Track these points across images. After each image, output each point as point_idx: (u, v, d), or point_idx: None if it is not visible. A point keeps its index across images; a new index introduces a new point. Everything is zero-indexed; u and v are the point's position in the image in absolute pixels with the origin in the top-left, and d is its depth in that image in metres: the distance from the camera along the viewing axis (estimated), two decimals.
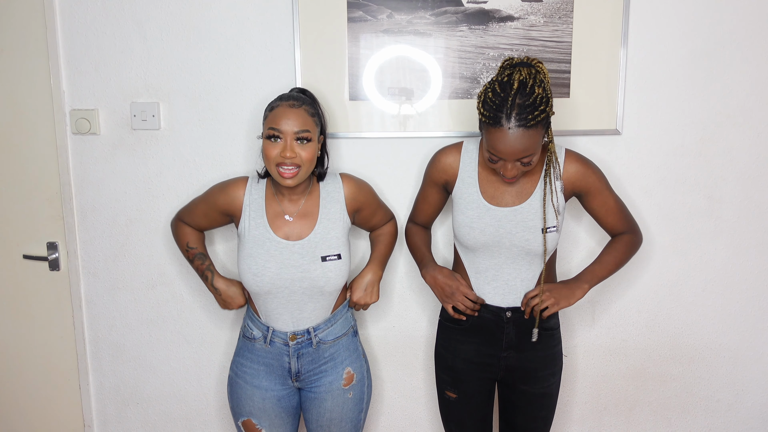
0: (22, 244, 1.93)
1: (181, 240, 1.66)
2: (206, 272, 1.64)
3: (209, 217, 1.61)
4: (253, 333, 1.58)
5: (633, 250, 1.58)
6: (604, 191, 1.53)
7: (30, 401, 2.04)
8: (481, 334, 1.55)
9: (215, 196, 1.57)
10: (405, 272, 1.86)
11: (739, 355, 1.87)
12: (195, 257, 1.65)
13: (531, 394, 1.58)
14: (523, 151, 1.35)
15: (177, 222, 1.67)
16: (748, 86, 1.71)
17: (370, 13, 1.70)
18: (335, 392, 1.58)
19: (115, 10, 1.75)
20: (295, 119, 1.44)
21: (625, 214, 1.58)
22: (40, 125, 1.83)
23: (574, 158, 1.51)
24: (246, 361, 1.58)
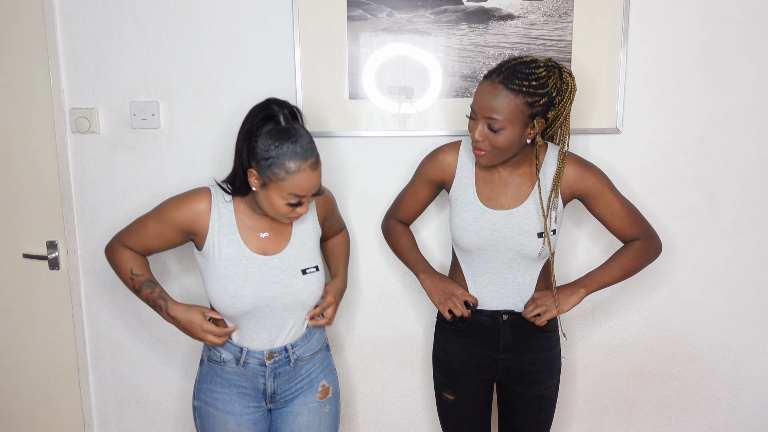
0: (21, 243, 1.93)
1: (122, 267, 1.45)
2: (158, 301, 1.43)
3: (163, 238, 1.42)
4: (222, 356, 1.44)
5: (645, 258, 1.50)
6: (606, 194, 1.47)
7: (30, 401, 2.04)
8: (478, 336, 1.54)
9: (172, 213, 1.39)
10: (405, 271, 1.86)
11: (739, 354, 1.87)
12: (142, 285, 1.44)
13: (529, 397, 1.56)
14: (489, 108, 1.33)
15: (115, 247, 1.46)
16: (748, 86, 1.71)
17: (369, 12, 1.70)
18: (311, 405, 1.50)
19: (114, 9, 1.75)
20: (315, 182, 1.32)
21: (636, 219, 1.50)
22: (39, 124, 1.83)
23: (571, 160, 1.47)
24: (215, 386, 1.45)
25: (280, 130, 1.30)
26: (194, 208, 1.38)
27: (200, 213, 1.38)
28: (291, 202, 1.32)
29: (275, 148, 1.28)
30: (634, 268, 1.50)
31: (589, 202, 1.49)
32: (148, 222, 1.42)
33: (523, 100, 1.33)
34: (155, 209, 1.43)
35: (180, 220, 1.39)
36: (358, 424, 1.97)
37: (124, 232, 1.46)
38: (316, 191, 1.34)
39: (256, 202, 1.38)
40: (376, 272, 1.86)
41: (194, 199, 1.39)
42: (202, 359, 1.49)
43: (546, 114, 1.38)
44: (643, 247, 1.49)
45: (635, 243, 1.50)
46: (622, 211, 1.48)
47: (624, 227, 1.49)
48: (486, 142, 1.37)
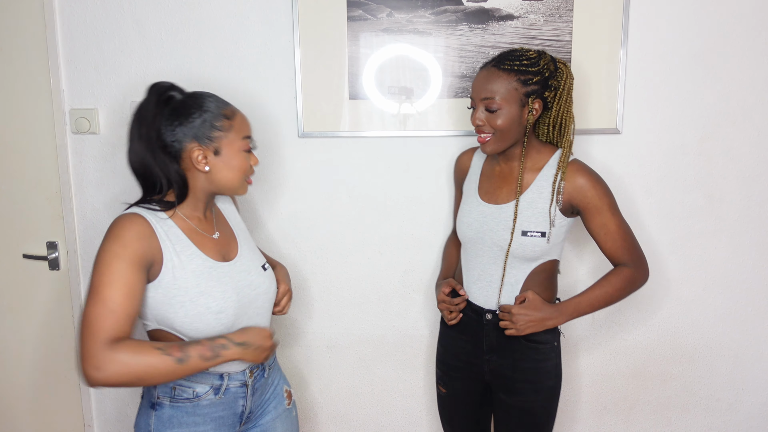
0: (21, 244, 1.93)
1: (141, 359, 1.07)
2: (216, 344, 1.16)
3: (136, 291, 1.11)
4: (196, 391, 1.23)
5: (630, 287, 1.44)
6: (604, 211, 1.40)
7: (30, 401, 2.04)
8: (467, 332, 1.54)
9: (125, 254, 1.10)
10: (404, 271, 1.86)
11: (739, 355, 1.87)
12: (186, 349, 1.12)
13: (508, 405, 1.51)
14: (485, 89, 1.37)
15: (105, 353, 1.05)
16: (748, 86, 1.71)
17: (369, 12, 1.70)
18: (283, 416, 1.41)
19: (114, 10, 1.75)
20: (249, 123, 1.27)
21: (628, 243, 1.43)
22: (39, 124, 1.83)
23: (576, 168, 1.41)
24: (186, 428, 1.24)
25: (189, 96, 1.23)
26: (139, 234, 1.13)
27: (148, 237, 1.15)
28: (246, 149, 1.25)
29: (201, 110, 1.20)
30: (618, 298, 1.44)
31: (585, 216, 1.43)
32: (107, 291, 1.08)
33: (516, 78, 1.36)
34: (101, 273, 1.09)
35: (138, 255, 1.12)
36: (358, 424, 1.97)
37: (97, 329, 1.06)
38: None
39: (202, 191, 1.25)
40: (376, 272, 1.86)
41: (131, 226, 1.14)
42: (158, 403, 1.24)
43: (543, 95, 1.39)
44: (630, 277, 1.43)
45: (623, 271, 1.43)
46: (617, 233, 1.42)
47: (615, 250, 1.43)
48: (487, 125, 1.39)
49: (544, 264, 1.45)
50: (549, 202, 1.40)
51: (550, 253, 1.44)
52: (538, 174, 1.44)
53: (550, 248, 1.43)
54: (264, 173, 1.81)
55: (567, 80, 1.41)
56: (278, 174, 1.81)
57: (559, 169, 1.41)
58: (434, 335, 1.90)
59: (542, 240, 1.41)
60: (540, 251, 1.42)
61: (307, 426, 1.98)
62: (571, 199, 1.41)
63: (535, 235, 1.41)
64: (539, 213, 1.41)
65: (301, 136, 1.78)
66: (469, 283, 1.53)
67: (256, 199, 1.83)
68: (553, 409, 1.53)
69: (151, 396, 1.25)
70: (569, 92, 1.42)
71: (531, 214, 1.41)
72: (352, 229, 1.84)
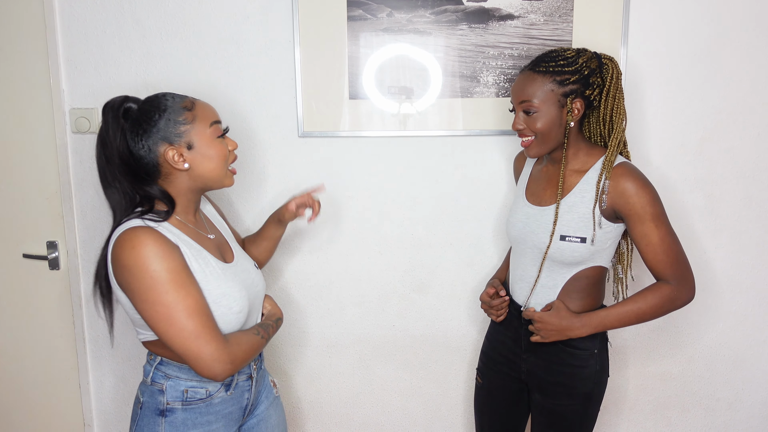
0: (21, 243, 1.93)
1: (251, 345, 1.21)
2: (277, 323, 1.32)
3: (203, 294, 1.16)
4: (208, 389, 1.24)
5: (668, 307, 1.35)
6: (647, 221, 1.31)
7: (30, 401, 2.04)
8: (510, 329, 1.54)
9: (174, 266, 1.11)
10: (405, 271, 1.86)
11: (739, 354, 1.87)
12: (267, 329, 1.28)
13: (541, 406, 1.49)
14: (522, 93, 1.36)
15: (227, 348, 1.14)
16: (748, 86, 1.71)
17: (369, 12, 1.70)
18: (274, 404, 1.42)
19: (114, 9, 1.75)
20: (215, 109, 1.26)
21: (671, 258, 1.33)
22: (39, 124, 1.83)
23: (621, 171, 1.34)
24: (201, 428, 1.24)
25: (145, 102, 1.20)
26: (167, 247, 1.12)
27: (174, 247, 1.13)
28: (218, 135, 1.22)
29: (160, 110, 1.17)
30: (652, 316, 1.36)
31: (627, 223, 1.35)
32: (185, 301, 1.11)
33: (552, 79, 1.34)
34: (166, 291, 1.09)
35: (184, 264, 1.14)
36: (358, 424, 1.97)
37: (203, 337, 1.11)
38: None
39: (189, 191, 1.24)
40: (376, 272, 1.86)
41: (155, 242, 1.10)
42: (168, 409, 1.23)
43: (584, 94, 1.35)
44: (669, 295, 1.34)
45: (662, 288, 1.35)
46: (659, 247, 1.32)
47: (656, 264, 1.34)
48: (527, 129, 1.38)
49: (587, 270, 1.40)
50: (591, 206, 1.35)
51: (593, 259, 1.38)
52: (583, 176, 1.38)
53: (593, 254, 1.37)
54: (264, 173, 1.81)
55: (614, 75, 1.37)
56: (278, 174, 1.81)
57: (603, 170, 1.35)
58: (433, 335, 1.90)
59: (582, 245, 1.35)
60: (580, 256, 1.37)
61: (307, 425, 1.98)
62: (614, 204, 1.34)
63: (574, 240, 1.36)
64: (580, 217, 1.36)
65: (301, 135, 1.78)
66: (513, 282, 1.53)
67: (255, 199, 1.83)
68: (589, 416, 1.48)
69: (158, 403, 1.23)
70: (617, 88, 1.38)
71: (571, 219, 1.37)
72: (352, 229, 1.84)
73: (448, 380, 1.93)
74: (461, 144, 1.77)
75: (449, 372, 1.92)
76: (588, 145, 1.42)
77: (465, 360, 1.91)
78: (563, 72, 1.34)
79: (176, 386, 1.23)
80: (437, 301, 1.87)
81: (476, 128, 1.75)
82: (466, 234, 1.82)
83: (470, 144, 1.77)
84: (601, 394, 1.48)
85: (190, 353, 1.10)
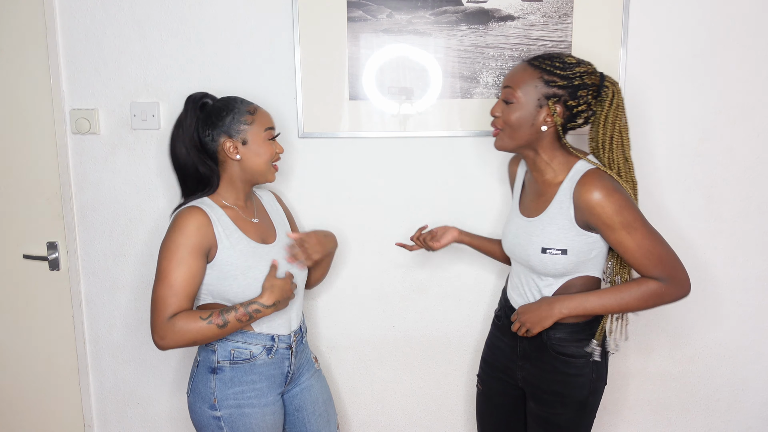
0: (22, 244, 1.93)
1: (191, 328, 1.31)
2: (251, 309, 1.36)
3: (197, 275, 1.34)
4: (252, 351, 1.43)
5: (655, 301, 1.32)
6: (617, 230, 1.28)
7: (30, 401, 2.04)
8: (507, 336, 1.52)
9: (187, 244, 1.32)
10: (405, 271, 1.86)
11: (739, 355, 1.87)
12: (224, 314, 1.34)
13: (536, 415, 1.48)
14: (509, 79, 1.36)
15: (167, 325, 1.31)
16: (748, 86, 1.71)
17: (369, 13, 1.70)
18: (316, 375, 1.61)
19: (114, 10, 1.75)
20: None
21: (654, 261, 1.30)
22: (39, 125, 1.83)
23: (586, 181, 1.31)
24: (245, 386, 1.43)
25: (219, 101, 1.46)
26: (198, 225, 1.35)
27: (206, 226, 1.36)
28: (269, 138, 1.45)
29: (229, 110, 1.43)
30: (637, 308, 1.34)
31: (601, 234, 1.33)
32: (172, 274, 1.31)
33: (540, 76, 1.32)
34: (166, 258, 1.32)
35: (197, 244, 1.34)
36: (357, 424, 1.97)
37: (161, 307, 1.31)
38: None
39: (239, 180, 1.45)
40: (376, 273, 1.86)
41: (192, 219, 1.35)
42: (218, 367, 1.42)
43: (566, 102, 1.32)
44: (655, 291, 1.32)
45: (649, 283, 1.32)
46: (637, 252, 1.30)
47: (640, 268, 1.32)
48: (500, 118, 1.37)
49: (576, 280, 1.38)
50: (569, 217, 1.33)
51: (579, 270, 1.37)
52: (560, 187, 1.36)
53: (577, 265, 1.36)
54: None
55: (614, 101, 1.33)
56: (278, 174, 1.81)
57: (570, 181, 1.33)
58: (433, 336, 1.90)
59: (563, 258, 1.34)
60: (563, 268, 1.36)
61: None
62: (583, 215, 1.31)
63: (554, 252, 1.34)
64: (559, 229, 1.34)
65: (301, 136, 1.78)
66: (510, 289, 1.54)
67: None
68: (584, 425, 1.47)
69: (210, 362, 1.43)
70: (617, 114, 1.34)
71: (552, 231, 1.35)
72: (352, 229, 1.84)
73: (448, 381, 1.93)
74: (461, 144, 1.77)
75: (449, 372, 1.92)
76: (565, 153, 1.38)
77: (465, 360, 1.91)
78: (553, 73, 1.32)
79: (225, 346, 1.43)
80: (437, 301, 1.88)
81: (476, 129, 1.75)
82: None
83: (470, 144, 1.77)
84: (597, 402, 1.47)
85: (150, 315, 1.34)
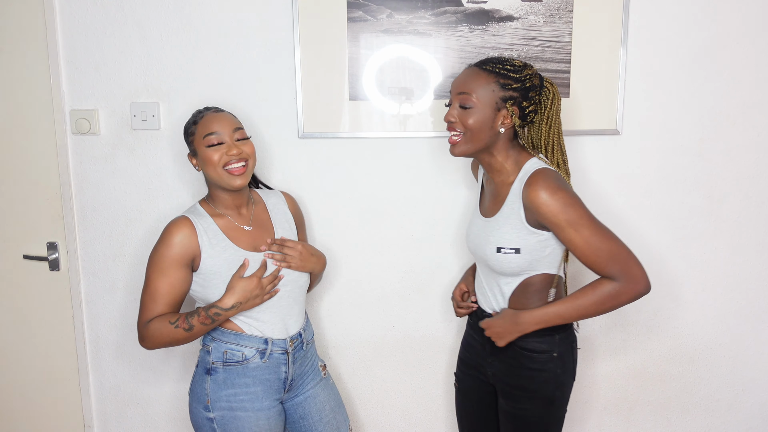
0: (22, 244, 1.93)
1: (162, 333, 1.39)
2: (211, 311, 1.40)
3: (177, 284, 1.41)
4: (244, 353, 1.45)
5: (612, 302, 1.31)
6: (564, 228, 1.28)
7: (30, 401, 2.04)
8: (478, 333, 1.54)
9: (168, 256, 1.40)
10: (404, 272, 1.86)
11: (739, 355, 1.87)
12: (189, 319, 1.40)
13: (505, 411, 1.49)
14: (463, 85, 1.35)
15: (144, 330, 1.41)
16: (748, 86, 1.71)
17: (369, 13, 1.70)
18: (322, 384, 1.60)
19: (114, 10, 1.75)
20: (226, 120, 1.45)
21: (603, 258, 1.29)
22: (40, 125, 1.83)
23: (532, 181, 1.32)
24: (238, 388, 1.44)
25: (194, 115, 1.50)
26: (180, 237, 1.41)
27: (189, 237, 1.41)
28: (211, 144, 1.41)
29: (186, 125, 1.48)
30: (596, 312, 1.33)
31: (556, 234, 1.33)
32: (154, 283, 1.41)
33: (495, 80, 1.34)
34: (151, 268, 1.41)
35: (179, 256, 1.40)
36: (357, 425, 1.97)
37: (141, 312, 1.43)
38: (231, 128, 1.44)
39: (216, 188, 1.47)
40: (376, 273, 1.87)
41: (176, 231, 1.41)
42: (212, 368, 1.46)
43: (521, 104, 1.35)
44: (610, 292, 1.30)
45: (602, 284, 1.31)
46: (587, 250, 1.29)
47: (591, 265, 1.31)
48: (459, 123, 1.36)
49: (532, 278, 1.39)
50: (520, 216, 1.35)
51: (534, 268, 1.38)
52: (511, 187, 1.38)
53: (531, 263, 1.37)
54: (264, 174, 1.81)
55: (554, 101, 1.38)
56: (278, 175, 1.81)
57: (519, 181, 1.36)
58: (433, 336, 1.90)
59: (517, 257, 1.36)
60: (517, 267, 1.37)
61: None
62: (533, 215, 1.32)
63: (508, 251, 1.36)
64: (512, 228, 1.36)
65: (302, 137, 1.78)
66: (476, 289, 1.56)
67: None
68: (553, 421, 1.48)
69: (206, 363, 1.47)
70: (556, 114, 1.39)
71: (506, 231, 1.37)
72: (352, 229, 1.84)
73: (448, 381, 1.93)
74: None
75: (450, 373, 1.92)
76: (517, 152, 1.40)
77: None
78: (508, 77, 1.34)
79: (218, 348, 1.46)
80: (437, 301, 1.88)
81: None
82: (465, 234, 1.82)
83: None
84: (565, 399, 1.47)
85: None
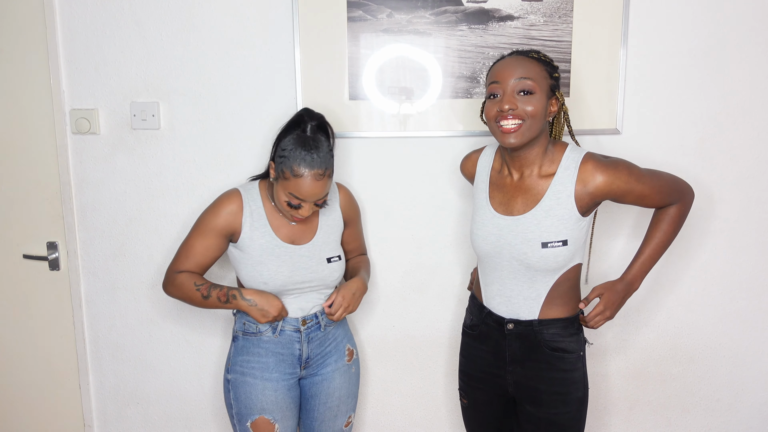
0: (22, 244, 1.93)
1: (184, 287, 1.52)
2: (231, 291, 1.51)
3: (211, 248, 1.53)
4: (258, 326, 1.55)
5: (681, 220, 1.44)
6: (635, 188, 1.35)
7: (30, 401, 2.04)
8: (489, 343, 1.49)
9: (213, 223, 1.52)
10: (405, 271, 1.86)
11: (739, 355, 1.87)
12: (210, 289, 1.51)
13: (536, 418, 1.44)
14: (522, 70, 1.32)
15: (171, 276, 1.54)
16: (748, 86, 1.71)
17: (369, 13, 1.70)
18: (342, 369, 1.63)
19: (114, 10, 1.75)
20: (316, 195, 1.44)
21: (667, 190, 1.40)
22: (39, 125, 1.83)
23: (590, 167, 1.34)
24: (252, 357, 1.55)
25: (303, 137, 1.46)
26: (229, 210, 1.52)
27: (234, 213, 1.52)
28: (291, 203, 1.45)
29: (291, 150, 1.44)
30: (674, 236, 1.45)
31: (620, 200, 1.38)
32: (193, 240, 1.54)
33: (544, 68, 1.36)
34: (195, 227, 1.54)
35: (221, 226, 1.52)
36: (358, 424, 1.97)
37: (174, 261, 1.55)
38: (317, 199, 1.45)
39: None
40: (376, 273, 1.86)
41: (226, 202, 1.53)
42: (236, 336, 1.59)
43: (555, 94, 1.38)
44: (680, 213, 1.43)
45: (669, 211, 1.42)
46: (654, 194, 1.38)
47: (659, 204, 1.41)
48: (520, 109, 1.31)
49: (568, 272, 1.40)
50: (568, 207, 1.34)
51: (573, 258, 1.39)
52: (552, 179, 1.37)
53: (573, 254, 1.38)
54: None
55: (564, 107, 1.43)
56: None
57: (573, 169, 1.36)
58: (433, 336, 1.90)
59: (564, 249, 1.35)
60: (563, 260, 1.36)
61: None
62: (596, 196, 1.35)
63: (556, 245, 1.34)
64: (558, 221, 1.34)
65: None
66: (489, 298, 1.47)
67: None
68: (583, 421, 1.47)
69: (234, 331, 1.61)
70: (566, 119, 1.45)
71: (550, 224, 1.34)
72: None
73: (448, 381, 1.93)
74: (461, 144, 1.77)
75: (450, 373, 1.92)
76: (551, 143, 1.42)
77: None
78: (551, 65, 1.38)
79: (241, 318, 1.58)
80: (438, 301, 1.88)
81: (476, 129, 1.75)
82: (465, 234, 1.82)
83: (470, 144, 1.77)
84: (588, 397, 1.49)
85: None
